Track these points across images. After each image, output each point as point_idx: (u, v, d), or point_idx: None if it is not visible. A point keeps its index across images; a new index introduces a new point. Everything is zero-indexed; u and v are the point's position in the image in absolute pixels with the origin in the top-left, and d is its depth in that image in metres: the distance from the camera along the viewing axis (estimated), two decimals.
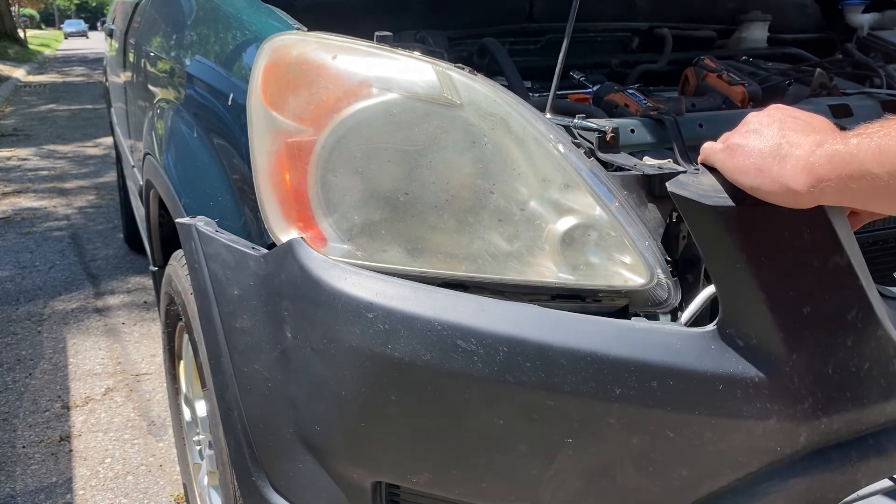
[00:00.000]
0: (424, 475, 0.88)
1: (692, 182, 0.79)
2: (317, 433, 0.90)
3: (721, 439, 0.80)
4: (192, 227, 1.07)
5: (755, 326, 0.79)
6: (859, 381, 0.82)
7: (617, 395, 0.78)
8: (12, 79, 12.80)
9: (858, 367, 0.82)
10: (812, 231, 0.78)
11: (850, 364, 0.81)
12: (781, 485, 0.82)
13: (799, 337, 0.79)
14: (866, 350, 0.82)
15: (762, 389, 0.79)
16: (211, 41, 1.36)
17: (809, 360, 0.80)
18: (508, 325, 0.80)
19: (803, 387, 0.80)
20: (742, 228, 0.77)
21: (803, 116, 0.76)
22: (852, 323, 0.81)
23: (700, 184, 0.79)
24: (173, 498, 1.86)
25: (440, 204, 0.85)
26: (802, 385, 0.79)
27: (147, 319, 2.94)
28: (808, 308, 0.79)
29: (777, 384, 0.79)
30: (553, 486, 0.84)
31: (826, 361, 0.80)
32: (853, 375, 0.82)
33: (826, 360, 0.80)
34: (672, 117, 1.10)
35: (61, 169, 5.84)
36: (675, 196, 0.79)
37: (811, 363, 0.80)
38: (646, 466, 0.82)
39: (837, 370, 0.81)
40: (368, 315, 0.83)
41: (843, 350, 0.81)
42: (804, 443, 0.82)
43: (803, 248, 0.78)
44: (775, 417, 0.79)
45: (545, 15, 1.82)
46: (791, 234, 0.78)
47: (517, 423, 0.82)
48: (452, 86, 0.86)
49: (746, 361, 0.79)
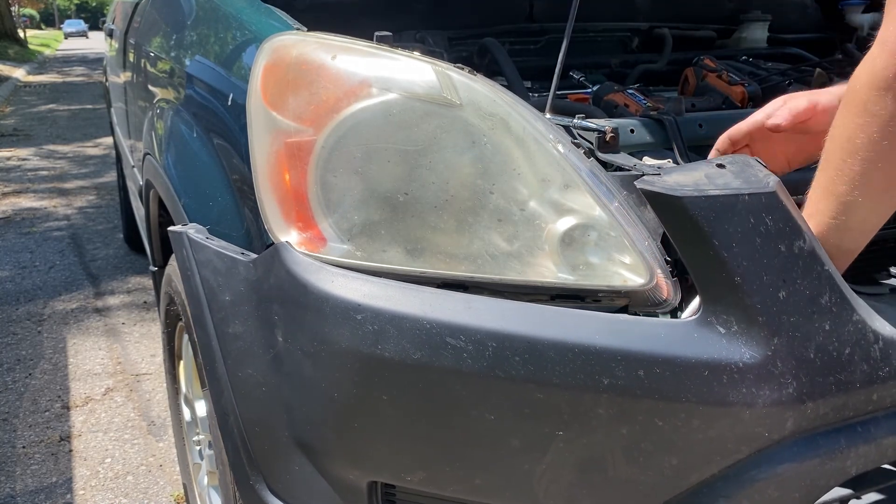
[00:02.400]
0: (419, 473, 0.88)
1: (657, 180, 0.83)
2: (311, 435, 0.91)
3: (709, 426, 0.81)
4: (184, 234, 1.07)
5: (734, 312, 0.80)
6: (841, 365, 0.83)
7: (605, 385, 0.79)
8: (12, 79, 12.80)
9: (839, 351, 0.83)
10: (772, 217, 0.82)
11: (830, 349, 0.83)
12: (771, 472, 0.83)
13: (778, 321, 0.81)
14: (844, 335, 0.83)
15: (746, 374, 0.80)
16: (211, 41, 1.36)
17: (790, 344, 0.81)
18: (496, 320, 0.81)
19: (787, 371, 0.81)
20: (710, 216, 0.80)
21: None
22: (827, 307, 0.83)
23: (664, 181, 0.83)
24: (173, 498, 1.86)
25: (440, 204, 0.85)
26: (785, 369, 0.81)
27: (147, 319, 2.94)
28: (783, 292, 0.81)
29: (760, 369, 0.80)
30: (546, 480, 0.84)
31: (806, 345, 0.82)
32: (835, 360, 0.83)
33: (806, 344, 0.82)
34: (672, 117, 1.10)
35: (61, 169, 5.84)
36: (646, 192, 0.83)
37: (792, 347, 0.81)
38: (636, 456, 0.82)
39: (819, 354, 0.82)
40: (357, 316, 0.83)
41: (822, 334, 0.82)
42: (792, 428, 0.83)
43: (768, 234, 0.81)
44: (761, 402, 0.80)
45: (545, 15, 1.82)
46: (755, 221, 0.81)
47: (508, 418, 0.82)
48: (452, 86, 0.87)
49: (729, 347, 0.80)
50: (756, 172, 0.85)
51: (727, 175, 0.85)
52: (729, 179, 0.84)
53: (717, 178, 0.84)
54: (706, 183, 0.83)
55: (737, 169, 0.86)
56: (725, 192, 0.81)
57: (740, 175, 0.85)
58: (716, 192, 0.81)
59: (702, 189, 0.81)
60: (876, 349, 0.85)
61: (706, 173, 0.85)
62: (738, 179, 0.84)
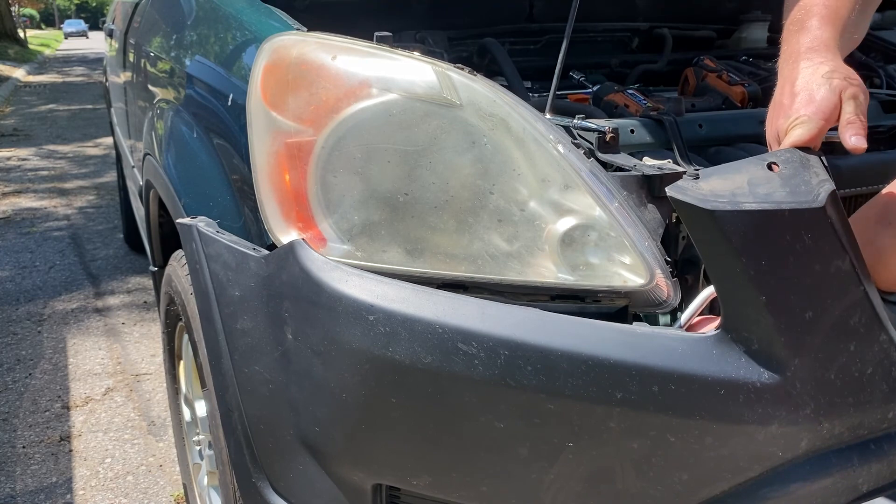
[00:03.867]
0: (424, 478, 0.87)
1: (691, 187, 0.78)
2: (317, 435, 0.90)
3: (722, 444, 0.79)
4: (194, 227, 1.06)
5: (756, 331, 0.78)
6: (861, 386, 0.81)
7: (618, 399, 0.78)
8: (12, 79, 12.80)
9: (861, 371, 0.81)
10: (813, 235, 0.77)
11: (852, 369, 0.80)
12: (782, 490, 0.82)
13: (801, 342, 0.78)
14: (869, 355, 0.81)
15: (764, 394, 0.78)
16: (211, 41, 1.36)
17: (811, 365, 0.79)
18: (510, 328, 0.80)
19: (805, 392, 0.79)
20: (742, 232, 0.76)
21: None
22: (855, 328, 0.80)
23: (699, 188, 0.78)
24: (173, 498, 1.86)
25: (440, 204, 0.85)
26: (804, 390, 0.79)
27: (147, 319, 2.94)
28: (810, 313, 0.78)
29: (779, 389, 0.78)
30: (553, 490, 0.84)
31: (828, 367, 0.79)
32: (856, 380, 0.81)
33: (828, 366, 0.79)
34: (672, 118, 1.10)
35: (61, 169, 5.84)
36: (675, 201, 0.78)
37: (813, 368, 0.79)
38: (646, 471, 0.81)
39: (840, 375, 0.80)
40: (369, 317, 0.83)
41: (846, 355, 0.80)
42: (805, 448, 0.81)
43: (804, 253, 0.77)
44: (777, 423, 0.79)
45: (545, 15, 1.82)
46: (792, 238, 0.77)
47: (518, 427, 0.81)
48: (452, 86, 0.86)
49: (748, 366, 0.78)
50: (810, 178, 0.79)
51: (774, 181, 0.78)
52: (774, 188, 0.78)
53: (760, 185, 0.78)
54: (745, 193, 0.77)
55: (789, 172, 0.79)
56: (763, 207, 0.76)
57: (790, 182, 0.79)
58: (753, 206, 0.76)
59: (737, 202, 0.76)
60: None
61: (750, 178, 0.79)
62: (785, 188, 0.78)
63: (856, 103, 0.85)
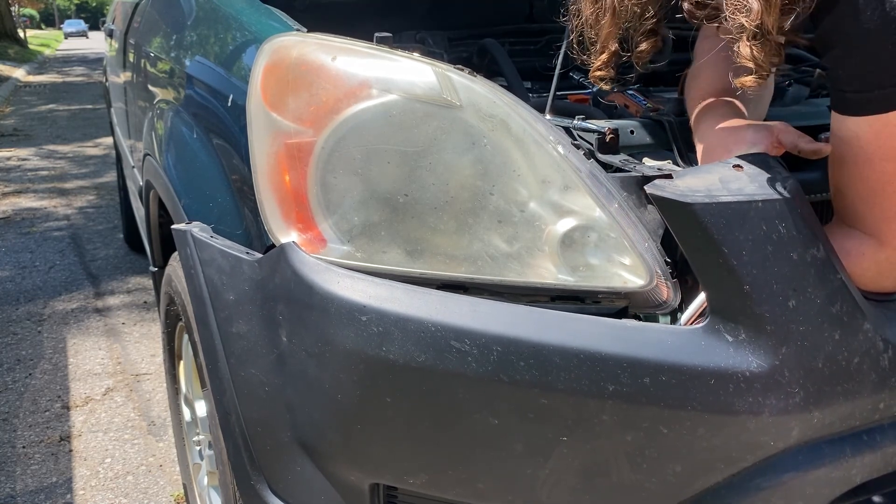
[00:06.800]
0: (421, 476, 0.88)
1: (668, 184, 0.82)
2: (313, 436, 0.91)
3: (714, 434, 0.80)
4: (188, 233, 1.07)
5: (743, 321, 0.80)
6: (849, 375, 0.82)
7: (610, 391, 0.79)
8: (12, 79, 12.80)
9: (848, 360, 0.82)
10: (786, 224, 0.80)
11: (839, 358, 0.82)
12: (775, 480, 0.83)
13: (786, 330, 0.80)
14: (854, 344, 0.83)
15: (753, 383, 0.79)
16: (211, 42, 1.36)
17: (798, 353, 0.80)
18: (502, 324, 0.81)
19: (794, 380, 0.80)
20: (720, 224, 0.79)
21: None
22: (838, 316, 0.82)
23: (675, 185, 0.81)
24: (173, 498, 1.86)
25: (440, 205, 0.85)
26: (793, 379, 0.80)
27: (147, 319, 2.94)
28: (793, 301, 0.80)
29: (767, 378, 0.79)
30: (549, 485, 0.84)
31: (815, 355, 0.81)
32: (843, 369, 0.82)
33: (815, 354, 0.81)
34: (672, 118, 1.10)
35: (61, 169, 5.84)
36: (654, 197, 0.82)
37: (801, 357, 0.80)
38: (640, 463, 0.82)
39: (827, 364, 0.81)
40: (362, 318, 0.83)
41: (832, 344, 0.82)
42: (797, 437, 0.82)
43: (780, 242, 0.80)
44: (767, 411, 0.80)
45: (545, 15, 1.82)
46: (768, 228, 0.80)
47: (512, 423, 0.82)
48: (452, 87, 0.86)
49: (736, 356, 0.79)
50: (774, 175, 0.83)
51: (742, 178, 0.83)
52: (744, 184, 0.82)
53: (731, 181, 0.82)
54: (719, 188, 0.81)
55: (754, 171, 0.84)
56: (738, 199, 0.80)
57: (757, 178, 0.83)
58: (728, 198, 0.80)
59: (714, 195, 0.80)
60: (885, 358, 0.84)
61: (721, 176, 0.83)
62: (754, 184, 0.82)
63: (790, 129, 0.94)
